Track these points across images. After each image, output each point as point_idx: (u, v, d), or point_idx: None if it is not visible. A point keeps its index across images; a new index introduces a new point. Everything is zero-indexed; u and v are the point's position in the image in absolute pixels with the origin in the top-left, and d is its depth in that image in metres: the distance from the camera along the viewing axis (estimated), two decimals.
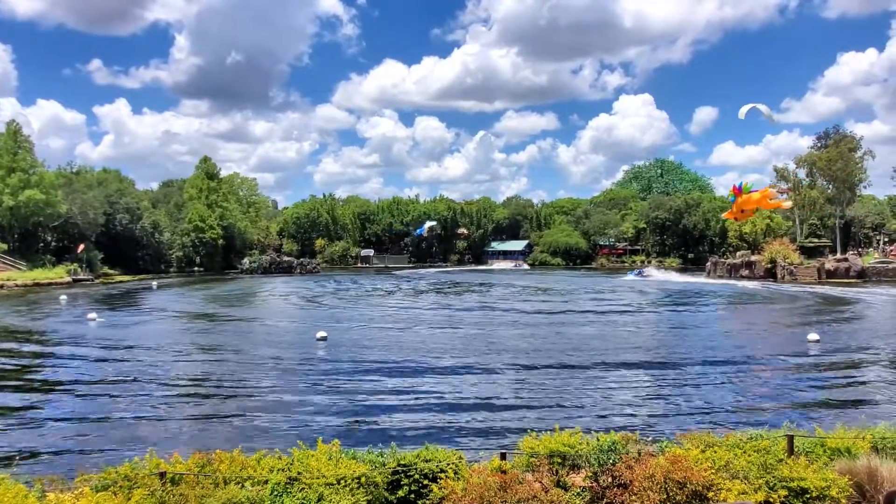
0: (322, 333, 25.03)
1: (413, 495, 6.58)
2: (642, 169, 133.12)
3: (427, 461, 6.82)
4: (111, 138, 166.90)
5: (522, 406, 14.91)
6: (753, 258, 68.71)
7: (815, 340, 23.70)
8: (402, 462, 6.80)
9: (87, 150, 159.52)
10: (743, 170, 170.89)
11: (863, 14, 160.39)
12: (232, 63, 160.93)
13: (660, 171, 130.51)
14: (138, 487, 6.22)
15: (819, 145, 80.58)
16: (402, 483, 6.63)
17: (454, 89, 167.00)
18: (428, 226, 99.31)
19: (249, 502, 6.05)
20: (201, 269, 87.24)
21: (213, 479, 6.49)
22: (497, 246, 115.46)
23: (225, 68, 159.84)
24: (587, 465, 6.96)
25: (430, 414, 14.22)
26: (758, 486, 6.49)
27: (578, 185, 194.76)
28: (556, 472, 6.93)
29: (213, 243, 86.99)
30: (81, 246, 67.54)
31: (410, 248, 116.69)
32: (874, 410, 14.07)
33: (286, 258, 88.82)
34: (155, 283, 61.56)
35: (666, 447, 7.48)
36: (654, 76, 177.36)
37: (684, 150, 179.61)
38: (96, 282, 63.67)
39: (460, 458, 7.06)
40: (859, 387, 17.14)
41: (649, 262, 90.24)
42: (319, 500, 5.99)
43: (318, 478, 6.21)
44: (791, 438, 7.43)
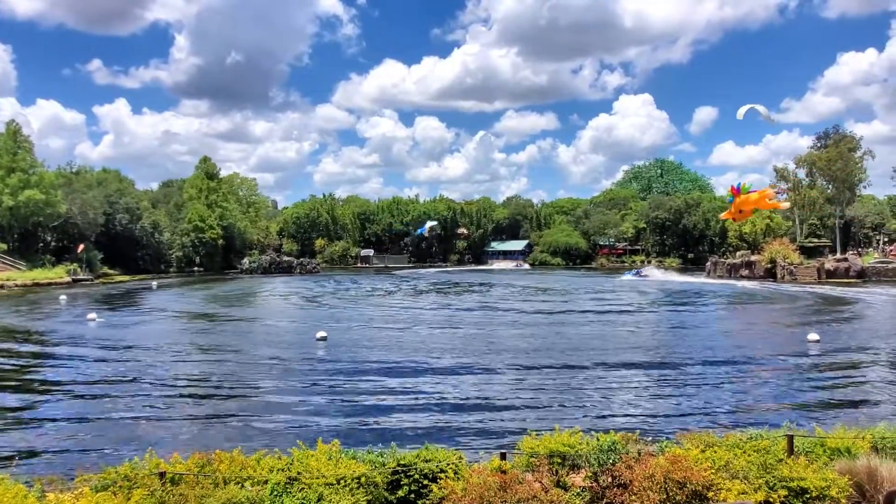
0: (322, 333, 25.04)
1: (413, 495, 6.58)
2: (642, 169, 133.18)
3: (427, 461, 6.82)
4: (111, 138, 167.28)
5: (522, 406, 14.91)
6: (753, 258, 68.70)
7: (815, 340, 23.70)
8: (402, 462, 6.80)
9: (86, 150, 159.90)
10: (743, 170, 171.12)
11: (862, 14, 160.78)
12: (232, 63, 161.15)
13: (660, 171, 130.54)
14: (138, 487, 6.23)
15: (819, 145, 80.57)
16: (401, 483, 6.63)
17: (454, 89, 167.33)
18: (429, 225, 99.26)
19: (249, 502, 6.05)
20: (201, 269, 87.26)
21: (213, 479, 6.49)
22: (497, 246, 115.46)
23: (225, 68, 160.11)
24: (587, 465, 6.96)
25: (429, 414, 14.22)
26: (758, 485, 6.49)
27: (578, 185, 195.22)
28: (556, 472, 6.93)
29: (212, 243, 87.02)
30: (81, 246, 67.55)
31: (410, 248, 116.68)
32: (874, 410, 14.08)
33: (286, 258, 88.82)
34: (155, 283, 61.55)
35: (666, 447, 7.48)
36: (654, 76, 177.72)
37: (684, 150, 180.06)
38: (96, 282, 63.67)
39: (460, 458, 7.06)
40: (859, 387, 17.12)
41: (649, 262, 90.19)
42: (319, 500, 5.99)
43: (317, 478, 6.21)
44: (791, 438, 7.43)
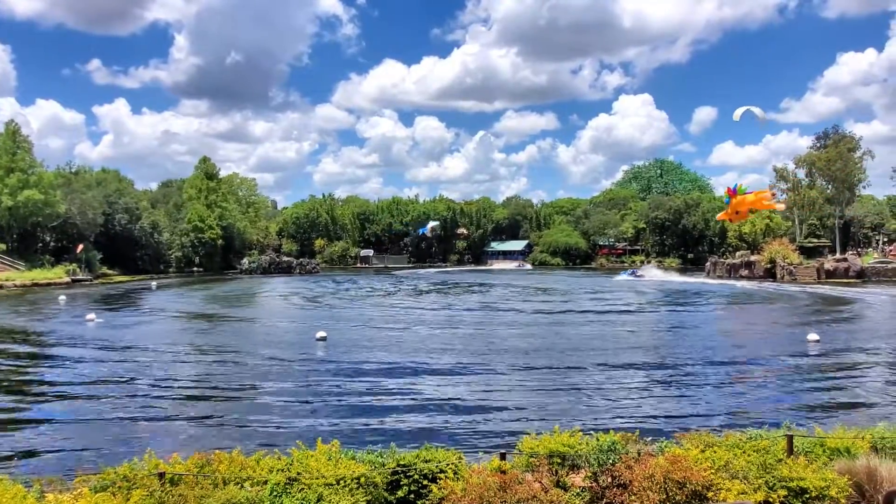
0: (321, 333, 25.03)
1: (412, 495, 6.57)
2: (642, 169, 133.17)
3: (426, 461, 6.81)
4: (110, 138, 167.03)
5: (522, 406, 14.90)
6: (753, 258, 68.73)
7: (815, 340, 23.71)
8: (402, 462, 6.79)
9: (86, 150, 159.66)
10: (742, 170, 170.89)
11: (862, 14, 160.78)
12: (231, 63, 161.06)
13: (659, 171, 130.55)
14: (137, 488, 6.22)
15: (818, 145, 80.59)
16: (401, 483, 6.62)
17: (454, 89, 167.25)
18: (431, 225, 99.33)
19: (249, 503, 6.04)
20: (200, 269, 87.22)
21: (213, 480, 6.48)
22: (497, 246, 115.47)
23: (224, 68, 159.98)
24: (587, 465, 6.95)
25: (429, 414, 14.20)
26: (757, 485, 6.49)
27: (578, 185, 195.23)
28: (556, 472, 6.93)
29: (212, 243, 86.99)
30: (80, 246, 67.51)
31: (410, 249, 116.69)
32: (873, 410, 14.08)
33: (285, 258, 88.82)
34: (154, 283, 61.52)
35: (665, 447, 7.47)
36: (653, 76, 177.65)
37: (684, 150, 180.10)
38: (95, 282, 63.65)
39: (460, 458, 7.05)
40: (859, 387, 17.12)
41: (649, 262, 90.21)
42: (319, 500, 5.98)
43: (317, 478, 6.20)
44: (790, 438, 7.43)
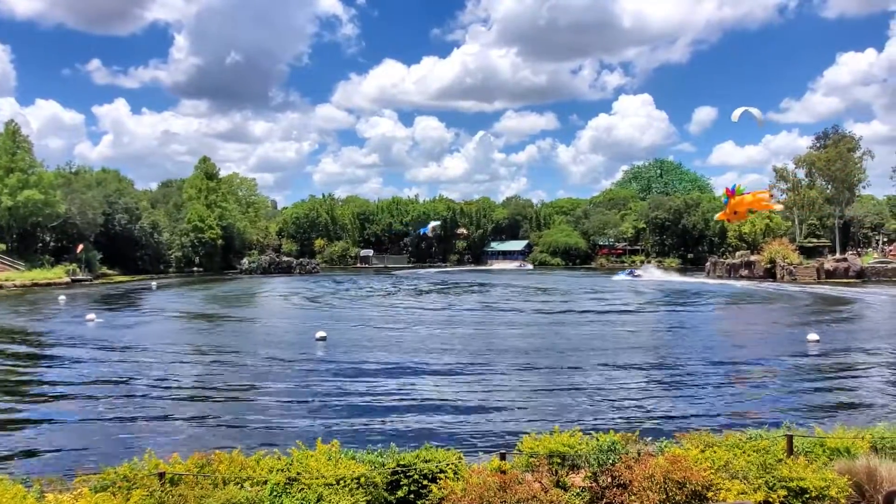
0: (321, 333, 25.03)
1: (412, 495, 6.57)
2: (642, 169, 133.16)
3: (426, 461, 6.81)
4: (110, 138, 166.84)
5: (522, 406, 14.91)
6: (753, 258, 68.72)
7: (815, 340, 23.71)
8: (402, 462, 6.79)
9: (85, 150, 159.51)
10: (742, 170, 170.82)
11: (862, 14, 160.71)
12: (231, 63, 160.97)
13: (659, 171, 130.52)
14: (137, 488, 6.22)
15: (818, 145, 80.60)
16: (401, 483, 6.62)
17: (454, 89, 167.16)
18: (432, 225, 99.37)
19: (249, 503, 6.04)
20: (200, 269, 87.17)
21: (213, 480, 6.48)
22: (497, 246, 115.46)
23: (224, 68, 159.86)
24: (587, 465, 6.95)
25: (429, 414, 14.20)
26: (757, 485, 6.49)
27: (578, 185, 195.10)
28: (556, 472, 6.93)
29: (212, 243, 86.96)
30: (80, 246, 67.50)
31: (410, 249, 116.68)
32: (873, 410, 14.09)
33: (285, 258, 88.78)
34: (154, 283, 61.50)
35: (665, 447, 7.47)
36: (653, 76, 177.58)
37: (684, 150, 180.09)
38: (95, 282, 63.64)
39: (460, 458, 7.05)
40: (859, 387, 17.13)
41: (649, 262, 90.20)
42: (319, 500, 5.98)
43: (317, 478, 6.20)
44: (790, 438, 7.43)
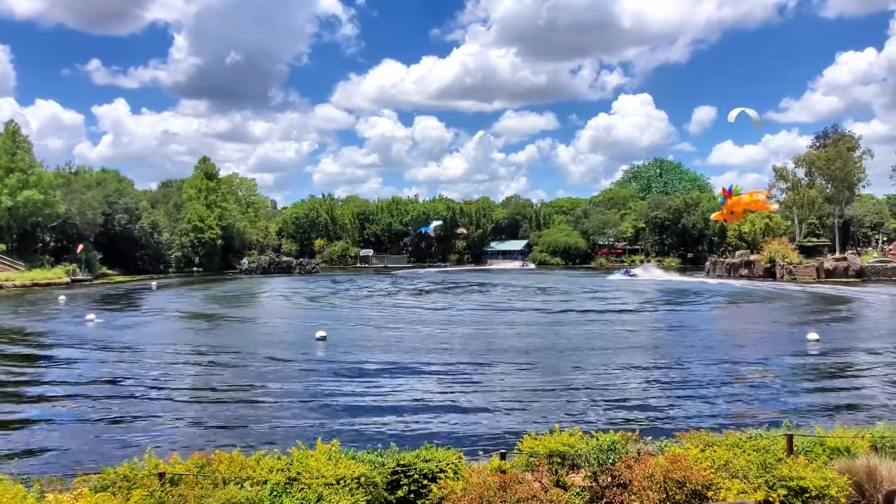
0: (321, 333, 25.02)
1: (412, 495, 6.57)
2: (641, 168, 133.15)
3: (426, 461, 6.81)
4: (110, 138, 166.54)
5: (522, 406, 14.91)
6: (752, 258, 68.71)
7: (815, 340, 23.71)
8: (402, 462, 6.79)
9: (85, 150, 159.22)
10: (742, 169, 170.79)
11: (861, 14, 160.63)
12: (231, 63, 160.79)
13: (659, 171, 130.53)
14: (137, 488, 6.22)
15: (818, 144, 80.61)
16: (401, 483, 6.62)
17: (453, 89, 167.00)
18: (434, 224, 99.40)
19: (249, 502, 6.04)
20: (200, 269, 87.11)
21: (213, 480, 6.48)
22: (496, 246, 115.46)
23: (224, 68, 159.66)
24: (587, 464, 6.95)
25: (429, 414, 14.21)
26: (757, 485, 6.48)
27: (578, 184, 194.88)
28: (556, 471, 6.93)
29: (212, 243, 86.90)
30: (80, 246, 67.46)
31: (409, 249, 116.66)
32: (873, 410, 14.09)
33: (285, 258, 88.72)
34: (154, 283, 61.48)
35: (665, 446, 7.47)
36: (653, 76, 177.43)
37: (683, 150, 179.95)
38: (95, 282, 63.59)
39: (460, 457, 7.05)
40: (859, 386, 17.14)
41: (649, 262, 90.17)
42: (319, 500, 5.98)
43: (317, 478, 6.20)
44: (790, 437, 7.43)
